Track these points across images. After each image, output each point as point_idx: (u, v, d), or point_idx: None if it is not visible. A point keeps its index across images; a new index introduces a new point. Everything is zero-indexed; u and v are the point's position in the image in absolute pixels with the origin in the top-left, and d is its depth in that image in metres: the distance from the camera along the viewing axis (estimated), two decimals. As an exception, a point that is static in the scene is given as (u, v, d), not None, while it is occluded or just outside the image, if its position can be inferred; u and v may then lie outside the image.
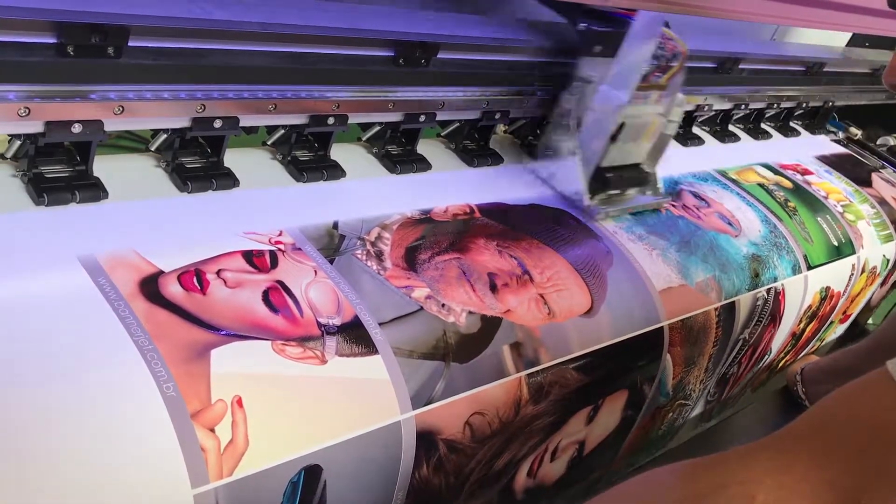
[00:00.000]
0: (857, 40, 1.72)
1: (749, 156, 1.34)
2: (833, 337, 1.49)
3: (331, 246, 0.71)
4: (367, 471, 0.61)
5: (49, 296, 0.56)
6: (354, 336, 0.63)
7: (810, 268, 1.12)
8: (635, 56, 0.90)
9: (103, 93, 0.64)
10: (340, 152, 0.85)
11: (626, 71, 0.91)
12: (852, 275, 1.24)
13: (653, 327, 0.86)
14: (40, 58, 0.61)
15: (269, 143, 0.82)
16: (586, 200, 0.93)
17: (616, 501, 0.58)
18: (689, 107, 1.26)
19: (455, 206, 0.85)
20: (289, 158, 0.81)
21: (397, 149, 0.91)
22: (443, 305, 0.71)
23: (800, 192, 1.28)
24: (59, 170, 0.67)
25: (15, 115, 0.60)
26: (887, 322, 1.31)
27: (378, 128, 0.89)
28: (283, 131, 0.80)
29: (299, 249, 0.69)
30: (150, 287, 0.59)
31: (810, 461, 0.48)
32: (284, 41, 0.74)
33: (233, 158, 0.77)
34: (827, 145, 1.58)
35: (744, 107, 1.35)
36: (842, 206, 1.30)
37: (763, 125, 1.47)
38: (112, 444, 0.49)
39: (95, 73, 0.64)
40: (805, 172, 1.37)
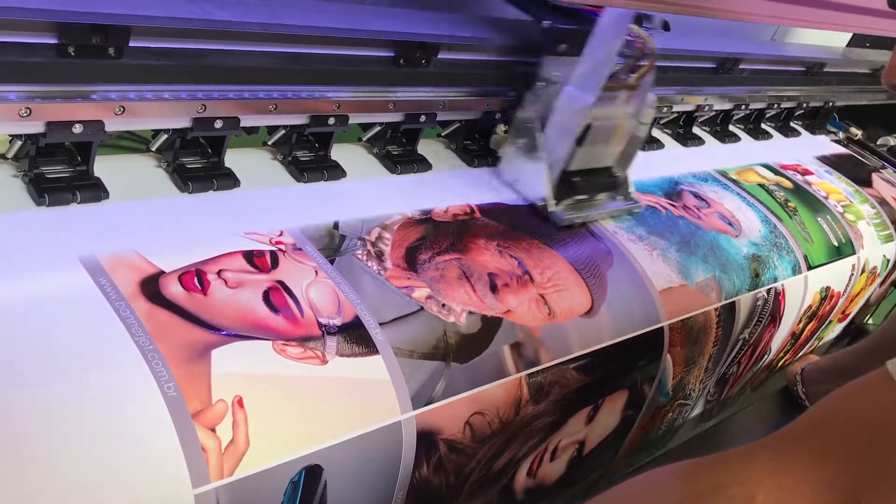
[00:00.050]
0: (857, 40, 1.72)
1: (749, 156, 1.34)
2: (831, 336, 1.49)
3: (331, 246, 0.71)
4: (368, 471, 0.62)
5: (50, 296, 0.56)
6: (355, 336, 0.63)
7: (810, 268, 1.12)
8: (602, 55, 0.85)
9: (104, 93, 0.64)
10: (341, 152, 0.85)
11: (591, 71, 0.86)
12: (852, 275, 1.24)
13: (653, 327, 0.86)
14: (41, 58, 0.61)
15: (270, 143, 0.82)
16: (552, 206, 0.88)
17: (616, 501, 0.58)
18: (689, 107, 1.26)
19: (455, 207, 0.85)
20: (289, 159, 0.81)
21: (398, 149, 0.91)
22: (443, 305, 0.71)
23: (800, 193, 1.28)
24: (60, 170, 0.67)
25: (16, 115, 0.60)
26: (887, 322, 1.31)
27: (378, 128, 0.89)
28: (283, 131, 0.80)
29: (300, 249, 0.69)
30: (151, 287, 0.59)
31: (810, 461, 0.48)
32: (285, 41, 0.75)
33: (233, 159, 0.77)
34: (827, 145, 1.58)
35: (744, 107, 1.35)
36: (842, 206, 1.30)
37: (763, 125, 1.47)
38: (113, 444, 0.49)
39: (96, 73, 0.64)
40: (805, 173, 1.37)
